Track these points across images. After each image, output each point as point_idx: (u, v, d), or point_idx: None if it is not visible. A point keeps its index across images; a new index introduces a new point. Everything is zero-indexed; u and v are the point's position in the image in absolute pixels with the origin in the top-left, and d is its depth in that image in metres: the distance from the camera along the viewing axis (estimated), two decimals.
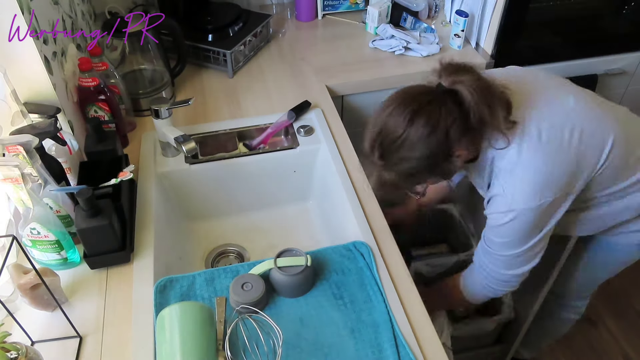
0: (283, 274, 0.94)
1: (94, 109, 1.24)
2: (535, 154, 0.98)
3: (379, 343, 0.90)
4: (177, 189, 1.29)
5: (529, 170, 0.97)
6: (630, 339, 1.96)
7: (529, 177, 0.98)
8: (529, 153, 0.98)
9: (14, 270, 0.92)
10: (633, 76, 1.85)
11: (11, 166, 0.88)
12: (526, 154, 0.98)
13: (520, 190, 0.98)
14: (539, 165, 0.98)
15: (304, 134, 1.35)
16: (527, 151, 0.98)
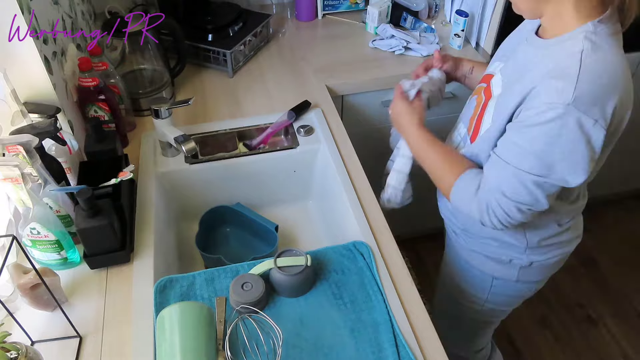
0: (283, 274, 0.94)
1: (94, 108, 1.24)
2: (621, 62, 0.87)
3: (379, 343, 0.90)
4: (177, 189, 1.29)
5: (609, 71, 0.85)
6: (630, 339, 1.96)
7: (605, 79, 0.84)
8: (614, 53, 0.87)
9: (14, 270, 0.92)
10: (633, 76, 1.85)
11: (11, 166, 0.88)
12: (614, 55, 0.87)
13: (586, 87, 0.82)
14: (619, 71, 0.86)
15: (304, 134, 1.35)
16: (614, 53, 0.87)
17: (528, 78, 0.90)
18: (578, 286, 2.15)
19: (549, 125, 0.84)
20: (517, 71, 0.96)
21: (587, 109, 0.82)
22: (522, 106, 0.90)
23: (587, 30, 0.86)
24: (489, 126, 0.99)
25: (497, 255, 1.15)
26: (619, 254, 2.28)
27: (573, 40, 0.87)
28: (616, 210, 2.47)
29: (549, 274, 1.20)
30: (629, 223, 2.42)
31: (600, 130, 0.84)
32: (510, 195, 0.93)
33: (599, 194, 2.38)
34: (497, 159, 0.94)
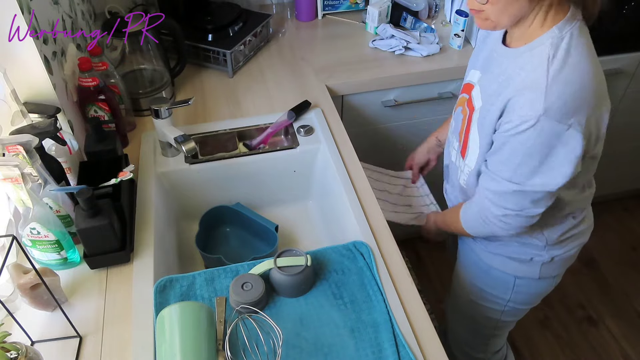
0: (283, 274, 0.94)
1: (94, 108, 1.24)
2: (590, 62, 0.87)
3: (379, 343, 0.90)
4: (177, 188, 1.29)
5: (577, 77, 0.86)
6: (630, 339, 1.96)
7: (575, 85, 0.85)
8: (582, 55, 0.87)
9: (13, 270, 0.92)
10: (633, 76, 1.85)
11: (11, 166, 0.88)
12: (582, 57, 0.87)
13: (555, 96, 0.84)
14: (589, 75, 0.86)
15: (304, 134, 1.35)
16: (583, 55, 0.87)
17: (505, 91, 0.93)
18: (578, 286, 2.15)
19: (524, 136, 0.88)
20: (493, 83, 0.97)
21: (560, 117, 0.85)
22: (501, 119, 0.94)
23: (553, 36, 0.87)
24: (477, 139, 1.03)
25: (518, 254, 1.17)
26: (619, 254, 2.28)
27: (541, 47, 0.88)
28: (616, 210, 2.46)
29: (567, 266, 1.24)
30: (629, 223, 2.42)
31: (575, 134, 0.86)
32: (498, 202, 1.00)
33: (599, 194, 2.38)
34: (486, 171, 1.01)
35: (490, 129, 0.97)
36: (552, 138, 0.87)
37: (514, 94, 0.89)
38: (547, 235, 1.12)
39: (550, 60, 0.85)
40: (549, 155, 0.89)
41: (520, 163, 0.92)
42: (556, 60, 0.85)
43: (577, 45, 0.87)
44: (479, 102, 1.01)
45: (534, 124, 0.86)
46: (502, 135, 0.93)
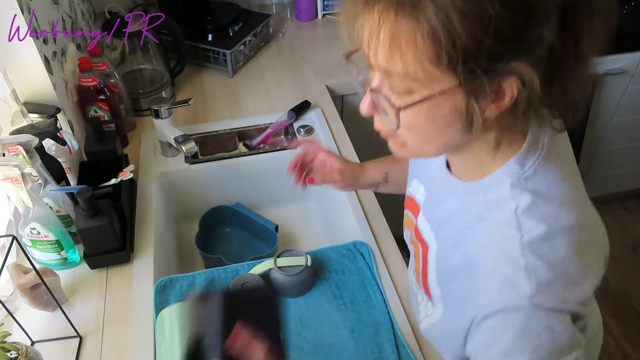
0: (283, 274, 0.94)
1: (94, 108, 1.24)
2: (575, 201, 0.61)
3: (379, 343, 0.90)
4: (177, 188, 1.29)
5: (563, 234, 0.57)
6: (630, 339, 1.96)
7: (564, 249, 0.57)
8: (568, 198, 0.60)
9: (14, 270, 0.92)
10: (633, 76, 1.85)
11: (11, 166, 0.88)
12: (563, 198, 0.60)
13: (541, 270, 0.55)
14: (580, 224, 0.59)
15: (304, 134, 1.35)
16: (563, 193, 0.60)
17: (463, 250, 0.64)
18: None
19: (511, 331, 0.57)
20: (446, 226, 0.70)
21: (556, 303, 0.56)
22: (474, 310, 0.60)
23: (512, 174, 0.60)
24: (439, 293, 0.71)
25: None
26: (619, 254, 2.28)
27: (498, 192, 0.61)
28: (616, 210, 2.46)
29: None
30: (629, 223, 2.41)
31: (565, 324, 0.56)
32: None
33: (599, 194, 2.39)
34: None
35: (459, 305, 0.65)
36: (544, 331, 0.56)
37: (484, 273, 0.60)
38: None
39: (518, 217, 0.58)
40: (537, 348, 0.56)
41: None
42: (527, 218, 0.57)
43: (551, 183, 0.60)
44: (433, 243, 0.72)
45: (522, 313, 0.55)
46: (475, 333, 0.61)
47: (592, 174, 2.19)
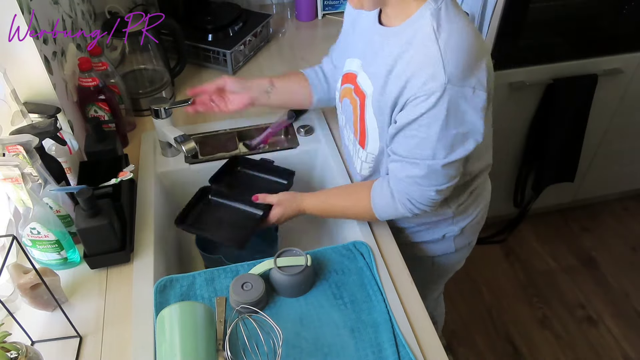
0: (283, 274, 0.94)
1: (94, 108, 1.24)
2: (469, 24, 0.89)
3: (379, 343, 0.90)
4: (177, 189, 1.29)
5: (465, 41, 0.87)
6: (630, 339, 1.96)
7: (466, 49, 0.86)
8: (461, 19, 0.89)
9: (14, 270, 0.92)
10: (633, 76, 1.86)
11: (11, 166, 0.88)
12: (461, 22, 0.88)
13: (453, 63, 0.85)
14: (473, 37, 0.88)
15: (304, 134, 1.35)
16: (461, 19, 0.88)
17: (395, 69, 0.91)
18: (578, 286, 2.15)
19: (436, 109, 0.87)
20: (382, 66, 0.95)
21: (463, 81, 0.86)
22: (401, 100, 0.91)
23: (430, 8, 0.88)
24: (375, 125, 1.01)
25: (430, 237, 1.18)
26: (619, 254, 2.28)
27: (422, 21, 0.88)
28: (616, 210, 2.47)
29: (478, 230, 1.25)
30: (628, 223, 2.42)
31: (480, 94, 0.88)
32: (427, 185, 0.96)
33: (599, 194, 2.39)
34: (400, 159, 0.96)
35: (388, 110, 0.95)
36: (462, 103, 0.87)
37: (411, 73, 0.88)
38: (452, 207, 1.12)
39: (436, 31, 0.86)
40: (463, 121, 0.89)
41: (440, 137, 0.90)
42: (442, 30, 0.86)
43: (455, 13, 0.89)
44: (369, 88, 0.99)
45: (441, 94, 0.85)
46: (408, 118, 0.91)
47: (592, 174, 2.19)
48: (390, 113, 0.95)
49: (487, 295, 2.12)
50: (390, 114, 0.95)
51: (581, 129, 1.93)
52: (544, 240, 2.33)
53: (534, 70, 1.74)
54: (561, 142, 1.94)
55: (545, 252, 2.28)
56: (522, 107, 1.86)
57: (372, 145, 1.05)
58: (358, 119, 1.05)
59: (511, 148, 1.99)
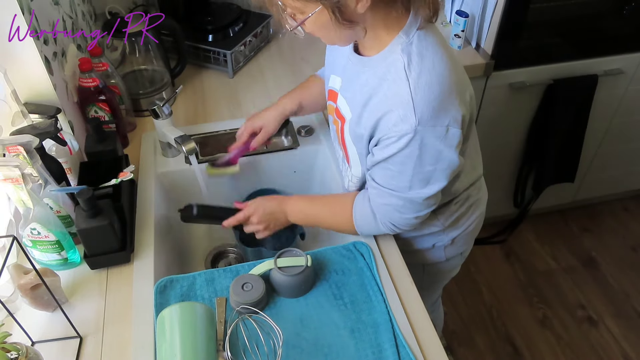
0: (283, 274, 0.94)
1: (94, 109, 1.24)
2: (444, 59, 0.86)
3: (379, 343, 0.90)
4: (177, 189, 1.29)
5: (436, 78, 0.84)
6: (630, 339, 1.96)
7: (437, 87, 0.84)
8: (436, 53, 0.85)
9: (14, 271, 0.92)
10: (633, 76, 1.85)
11: (11, 166, 0.88)
12: (435, 56, 0.85)
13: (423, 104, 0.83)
14: (447, 71, 0.85)
15: (304, 134, 1.35)
16: (436, 53, 0.85)
17: (371, 102, 0.90)
18: (578, 286, 2.15)
19: (407, 149, 0.87)
20: (358, 94, 0.94)
21: (434, 121, 0.84)
22: (375, 135, 0.91)
23: (402, 42, 0.86)
24: (354, 150, 1.01)
25: (420, 245, 1.18)
26: (619, 254, 2.28)
27: (394, 56, 0.86)
28: (616, 210, 2.47)
29: (473, 238, 1.25)
30: (629, 223, 2.42)
31: (455, 131, 0.87)
32: (406, 212, 0.97)
33: (599, 194, 2.39)
34: (378, 187, 0.96)
35: (365, 142, 0.95)
36: (435, 142, 0.86)
37: (382, 112, 0.87)
38: (442, 219, 1.12)
39: (407, 69, 0.84)
40: (438, 159, 0.88)
41: (415, 173, 0.90)
42: (412, 68, 0.84)
43: (427, 45, 0.86)
44: (348, 114, 0.98)
45: (413, 136, 0.84)
46: (384, 152, 0.90)
47: (592, 174, 2.19)
48: (367, 144, 0.95)
49: (487, 295, 2.12)
50: (367, 145, 0.95)
51: (581, 129, 1.93)
52: (544, 241, 2.33)
53: (534, 70, 1.74)
54: (561, 143, 1.94)
55: (545, 253, 2.28)
56: (523, 107, 1.86)
57: (355, 168, 1.05)
58: (341, 141, 1.06)
59: (511, 148, 1.99)
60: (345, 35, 0.87)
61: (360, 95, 0.93)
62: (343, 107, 1.00)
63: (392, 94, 0.86)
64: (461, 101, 0.87)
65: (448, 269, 1.29)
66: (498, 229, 2.26)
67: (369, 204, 1.00)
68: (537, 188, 2.10)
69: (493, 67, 1.66)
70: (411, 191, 0.93)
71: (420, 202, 0.94)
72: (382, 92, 0.88)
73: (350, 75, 0.97)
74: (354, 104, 0.96)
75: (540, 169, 2.03)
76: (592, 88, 1.81)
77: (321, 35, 0.90)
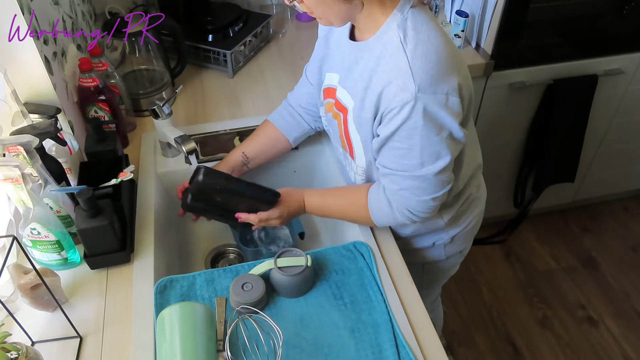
0: (283, 274, 0.94)
1: (94, 109, 1.24)
2: (438, 34, 0.89)
3: (379, 343, 0.90)
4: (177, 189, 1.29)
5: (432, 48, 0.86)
6: (630, 339, 1.96)
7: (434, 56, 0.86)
8: (430, 28, 0.88)
9: (14, 271, 0.92)
10: (633, 76, 1.86)
11: (11, 166, 0.88)
12: (430, 30, 0.88)
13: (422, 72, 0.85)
14: (442, 44, 0.88)
15: None
16: (430, 28, 0.88)
17: (371, 84, 0.92)
18: (578, 286, 2.15)
19: (411, 120, 0.87)
20: (359, 81, 0.95)
21: (434, 88, 0.86)
22: (379, 113, 0.92)
23: (397, 19, 0.88)
24: (358, 138, 1.01)
25: (420, 244, 1.18)
26: (619, 254, 2.28)
27: (390, 33, 0.89)
28: (616, 210, 2.47)
29: (472, 237, 1.25)
30: (629, 223, 2.42)
31: (454, 99, 0.88)
32: (423, 194, 0.96)
33: (599, 194, 2.39)
34: (390, 172, 0.96)
35: (369, 125, 0.96)
36: (436, 110, 0.87)
37: (383, 86, 0.89)
38: (445, 217, 1.12)
39: (403, 42, 0.87)
40: (442, 127, 0.89)
41: (423, 145, 0.90)
42: (408, 40, 0.87)
43: (422, 20, 0.88)
44: (350, 102, 0.99)
45: (414, 104, 0.85)
46: (388, 131, 0.91)
47: (592, 174, 2.20)
48: (371, 127, 0.95)
49: (487, 295, 2.12)
50: (371, 128, 0.96)
51: (581, 129, 1.93)
52: (544, 241, 2.33)
53: (534, 70, 1.74)
54: (561, 142, 1.95)
55: (545, 252, 2.28)
56: (523, 107, 1.86)
57: (360, 159, 1.05)
58: (343, 134, 1.05)
59: (511, 148, 1.99)
60: (343, 11, 0.89)
61: (361, 80, 0.94)
62: (344, 97, 1.01)
63: (389, 68, 0.88)
64: (458, 72, 0.89)
65: (447, 267, 1.29)
66: (498, 229, 2.26)
67: (384, 193, 1.00)
68: (537, 188, 2.10)
69: (493, 67, 1.66)
70: (423, 168, 0.92)
71: (433, 179, 0.93)
72: (380, 69, 0.90)
73: (348, 64, 0.98)
74: (356, 91, 0.97)
75: (540, 169, 2.03)
76: (592, 88, 1.81)
77: (319, 11, 0.90)
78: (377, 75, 0.91)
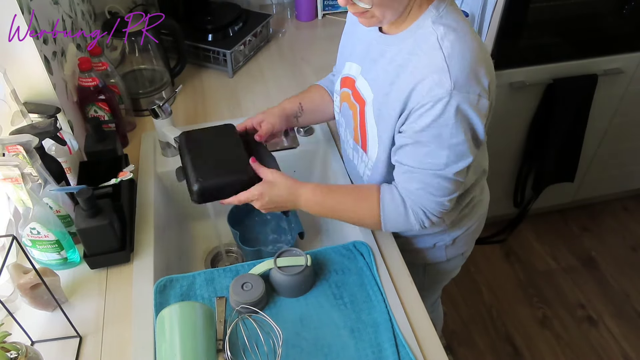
0: (283, 274, 0.94)
1: (94, 108, 1.24)
2: (472, 34, 0.88)
3: (379, 343, 0.90)
4: (177, 188, 1.29)
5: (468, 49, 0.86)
6: (630, 339, 1.96)
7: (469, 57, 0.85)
8: (463, 26, 0.88)
9: (13, 270, 0.92)
10: (633, 76, 1.86)
11: (11, 166, 0.88)
12: (464, 30, 0.87)
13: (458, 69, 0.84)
14: (477, 44, 0.87)
15: (304, 134, 1.35)
16: (464, 28, 0.88)
17: (398, 79, 0.90)
18: (578, 286, 2.15)
19: (443, 117, 0.86)
20: (382, 73, 0.94)
21: (468, 87, 0.85)
22: (406, 109, 0.90)
23: (432, 16, 0.88)
24: (375, 132, 0.99)
25: (422, 244, 1.17)
26: (618, 253, 2.28)
27: (424, 30, 0.88)
28: (616, 210, 2.47)
29: (474, 239, 1.25)
30: (629, 223, 2.42)
31: (485, 101, 0.87)
32: (440, 195, 0.94)
33: (599, 194, 2.39)
34: (410, 169, 0.93)
35: (392, 120, 0.93)
36: (468, 109, 0.86)
37: (415, 81, 0.87)
38: (447, 221, 1.12)
39: (440, 40, 0.86)
40: (469, 127, 0.88)
41: (450, 145, 0.88)
42: (445, 38, 0.86)
43: (457, 19, 0.88)
44: (369, 94, 0.98)
45: (448, 100, 0.84)
46: (417, 123, 0.88)
47: (592, 174, 2.19)
48: (394, 123, 0.93)
49: (487, 295, 2.12)
50: (394, 123, 0.93)
51: (581, 129, 1.93)
52: (544, 240, 2.33)
53: (534, 70, 1.74)
54: (561, 142, 1.94)
55: (545, 252, 2.28)
56: (522, 107, 1.86)
57: (372, 151, 1.02)
58: (358, 125, 1.03)
59: (511, 148, 1.99)
60: (402, 6, 0.88)
61: (385, 73, 0.93)
62: (364, 89, 1.00)
63: (423, 65, 0.87)
64: (490, 75, 0.88)
65: (449, 269, 1.29)
66: (498, 229, 2.26)
67: (398, 193, 0.97)
68: (537, 188, 2.10)
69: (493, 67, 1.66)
70: (447, 168, 0.90)
71: (452, 179, 0.91)
72: (412, 65, 0.89)
73: (374, 55, 0.97)
74: (378, 84, 0.96)
75: (540, 168, 2.03)
76: (592, 88, 1.81)
77: (385, 5, 0.86)
78: (407, 71, 0.89)
